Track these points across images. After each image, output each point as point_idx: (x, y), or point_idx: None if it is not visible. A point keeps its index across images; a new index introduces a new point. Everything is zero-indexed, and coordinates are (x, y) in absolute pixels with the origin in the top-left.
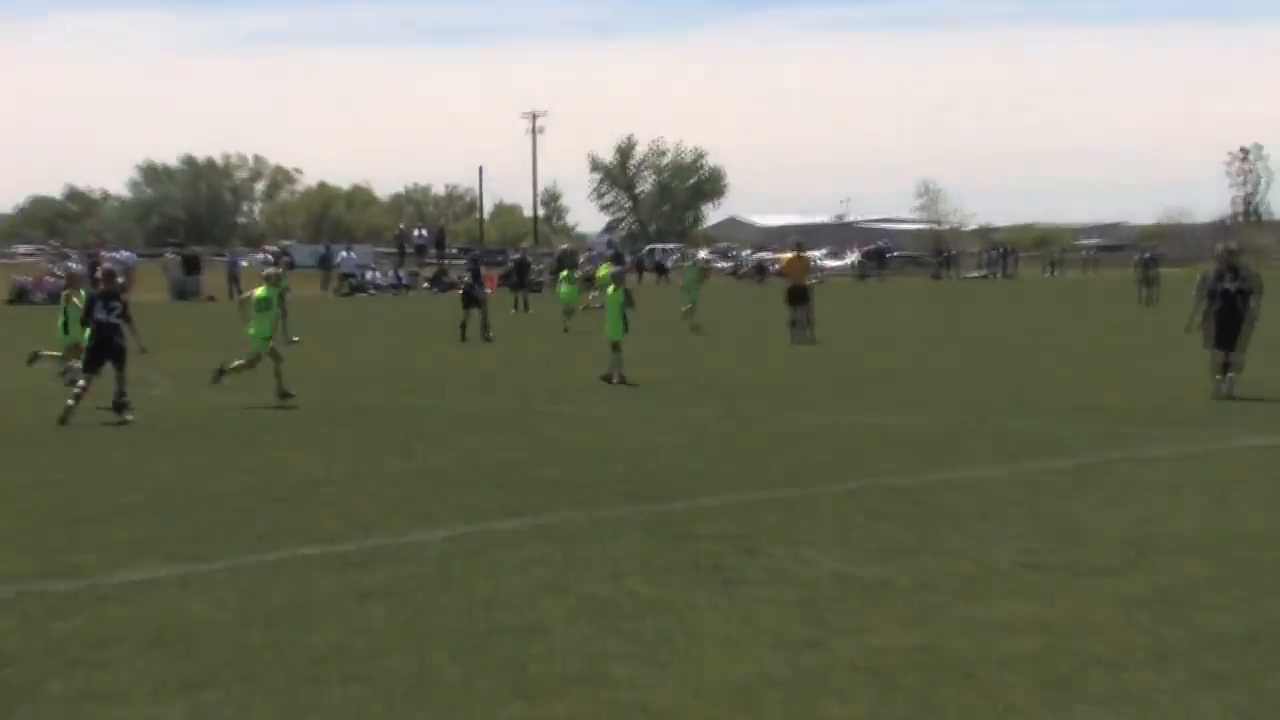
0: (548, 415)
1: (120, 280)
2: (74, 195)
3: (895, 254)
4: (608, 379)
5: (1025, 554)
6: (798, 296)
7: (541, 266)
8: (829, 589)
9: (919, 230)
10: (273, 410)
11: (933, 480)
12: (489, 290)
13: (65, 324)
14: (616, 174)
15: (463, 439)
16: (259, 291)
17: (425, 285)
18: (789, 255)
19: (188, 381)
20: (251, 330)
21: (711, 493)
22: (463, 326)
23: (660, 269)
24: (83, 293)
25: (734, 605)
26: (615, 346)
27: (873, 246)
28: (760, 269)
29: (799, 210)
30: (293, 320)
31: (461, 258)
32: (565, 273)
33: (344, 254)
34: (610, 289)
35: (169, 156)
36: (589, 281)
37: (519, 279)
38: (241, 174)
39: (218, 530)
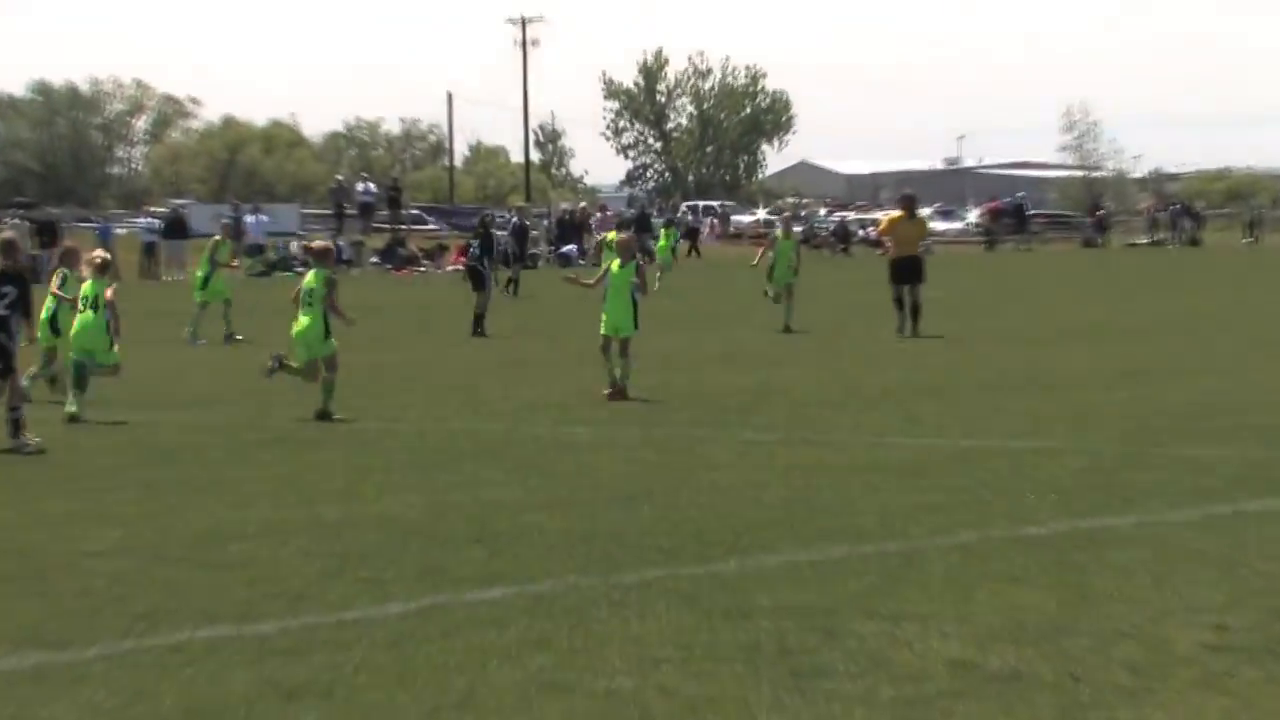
0: (549, 441)
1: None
2: None
3: (1034, 212)
4: (620, 393)
5: (1214, 632)
6: (908, 270)
7: (537, 233)
8: (941, 682)
9: (1065, 179)
10: (169, 436)
11: (1085, 529)
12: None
13: (52, 318)
14: (641, 103)
15: (430, 474)
16: (309, 279)
17: (374, 260)
18: (895, 214)
19: (47, 395)
20: (299, 329)
21: (776, 547)
22: (479, 317)
23: (692, 235)
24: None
25: (807, 705)
26: (613, 348)
27: (1008, 201)
28: (843, 233)
29: (896, 153)
30: (214, 313)
31: (426, 220)
32: (611, 235)
33: (249, 218)
34: (614, 264)
35: (14, 84)
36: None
37: (518, 250)
38: (116, 107)
39: (89, 605)
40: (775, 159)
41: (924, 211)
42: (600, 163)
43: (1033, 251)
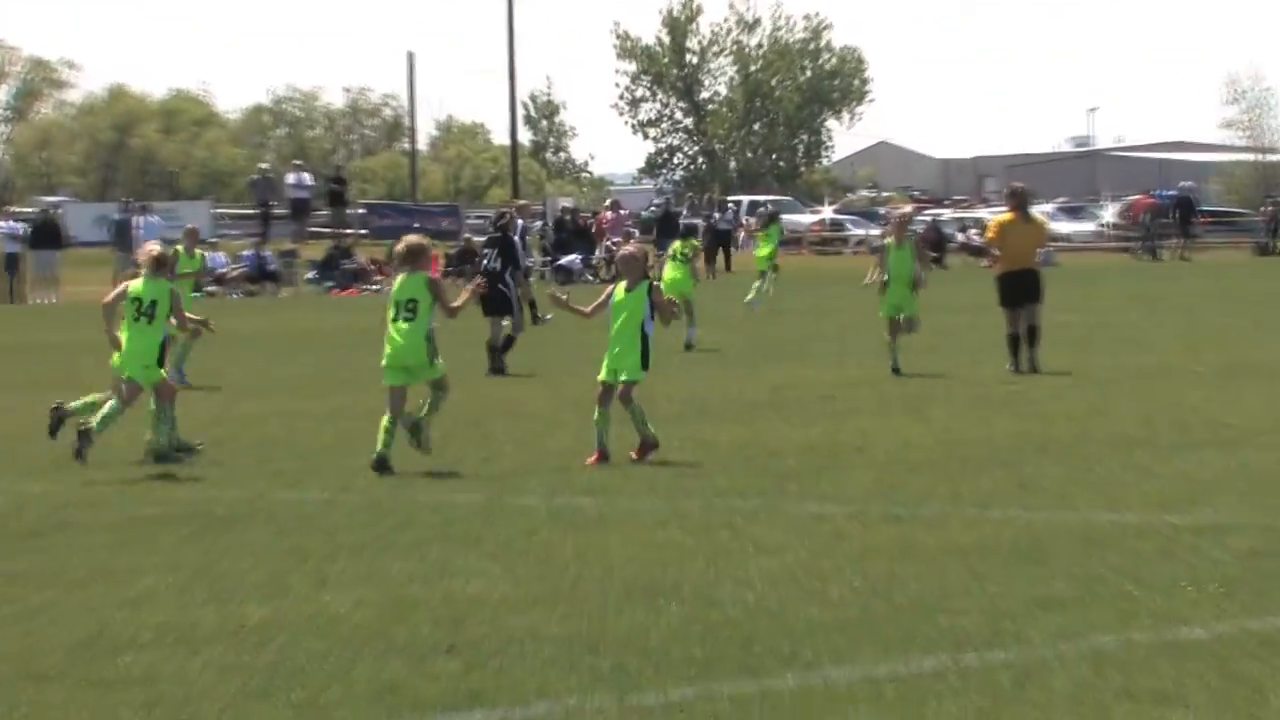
0: (543, 516)
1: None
2: None
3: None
4: (654, 444)
5: None
6: (1022, 289)
7: (529, 239)
8: None
9: (1230, 164)
10: (38, 512)
11: (1259, 630)
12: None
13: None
14: (665, 65)
15: (386, 561)
16: (401, 286)
17: (310, 277)
18: (1004, 215)
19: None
20: (396, 347)
21: (848, 658)
22: (493, 351)
23: (724, 242)
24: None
25: None
26: (617, 393)
27: (1168, 194)
28: (936, 239)
29: (1006, 131)
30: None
31: (375, 221)
32: (679, 245)
33: (139, 220)
34: (619, 286)
35: None
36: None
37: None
38: None
39: None
40: (845, 139)
41: (1043, 209)
42: (611, 145)
43: (1191, 261)
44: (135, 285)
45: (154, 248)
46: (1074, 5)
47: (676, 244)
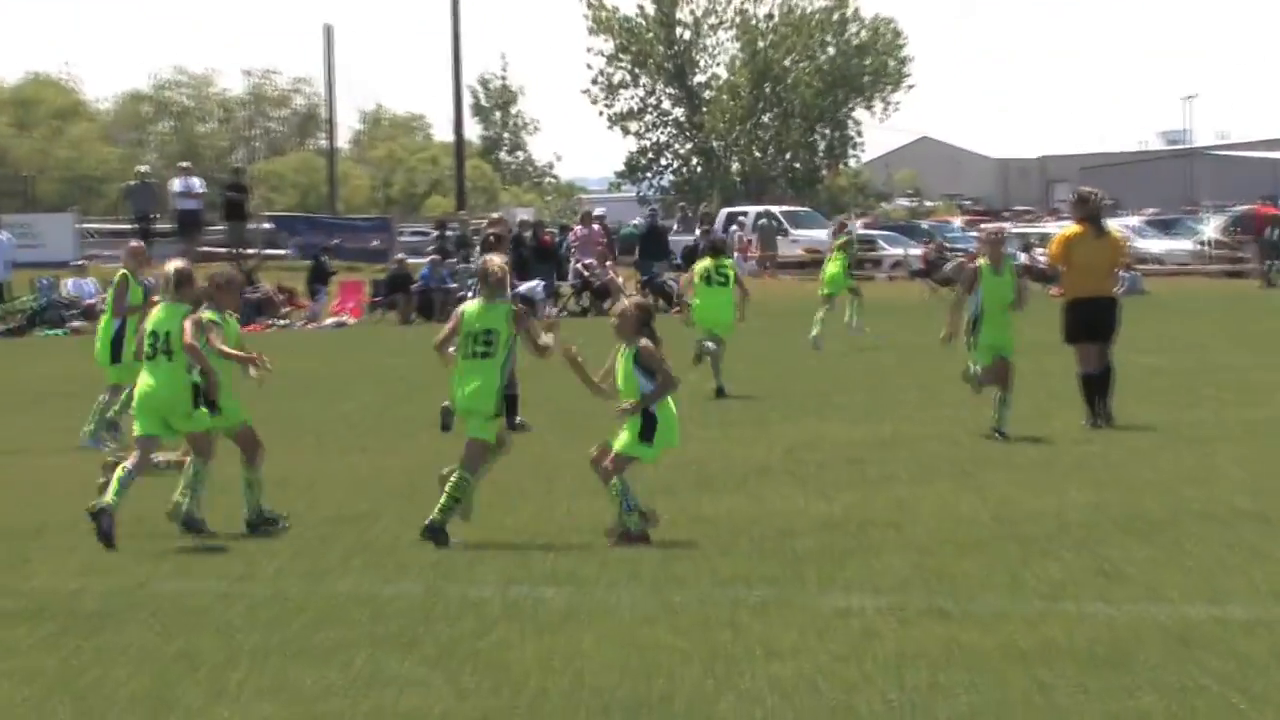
0: (497, 610)
1: None
2: None
3: None
4: (641, 536)
5: None
6: (1094, 320)
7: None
8: None
9: None
10: None
11: None
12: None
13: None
14: (650, 42)
15: (298, 667)
16: (475, 314)
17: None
18: (1070, 229)
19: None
20: (469, 391)
21: None
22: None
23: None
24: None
25: None
26: (614, 461)
27: None
28: None
29: (1080, 126)
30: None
31: (286, 242)
32: (710, 264)
33: None
34: (619, 349)
35: None
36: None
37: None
38: None
39: None
40: (878, 134)
41: (1127, 223)
42: (582, 143)
43: None
44: (153, 316)
45: (171, 264)
46: None
47: (707, 263)
